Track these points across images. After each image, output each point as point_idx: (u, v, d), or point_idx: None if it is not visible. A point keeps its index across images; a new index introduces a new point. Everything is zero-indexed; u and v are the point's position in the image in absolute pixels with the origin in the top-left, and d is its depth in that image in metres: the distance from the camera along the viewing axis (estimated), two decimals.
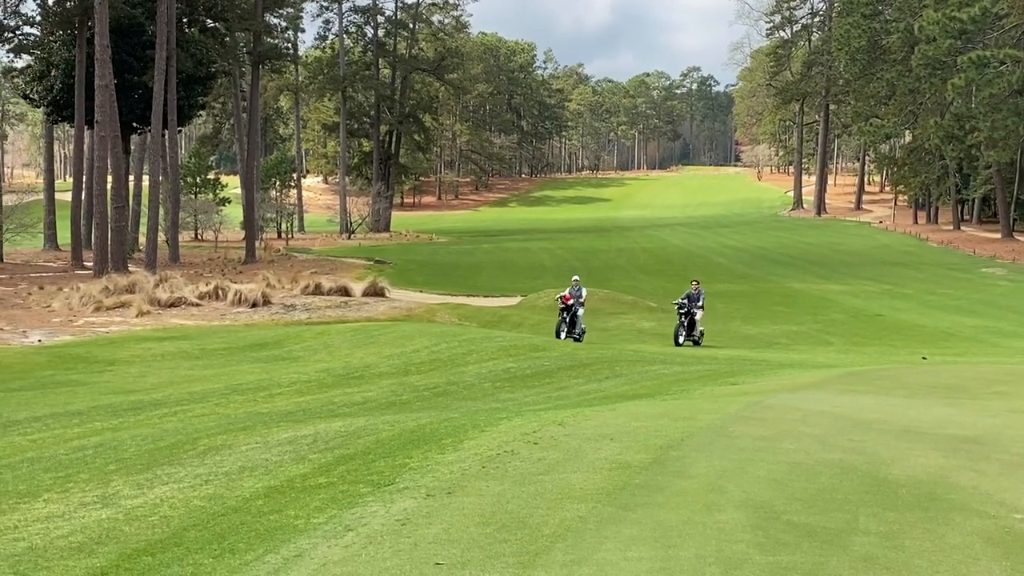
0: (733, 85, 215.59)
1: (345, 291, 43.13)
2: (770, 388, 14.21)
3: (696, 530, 6.25)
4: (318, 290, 43.27)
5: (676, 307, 29.46)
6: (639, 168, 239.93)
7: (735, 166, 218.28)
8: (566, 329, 28.98)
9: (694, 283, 30.09)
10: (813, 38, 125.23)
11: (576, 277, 31.28)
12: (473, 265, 62.66)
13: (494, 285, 51.77)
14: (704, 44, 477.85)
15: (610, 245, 78.71)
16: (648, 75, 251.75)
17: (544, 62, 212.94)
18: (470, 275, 56.64)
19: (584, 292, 29.89)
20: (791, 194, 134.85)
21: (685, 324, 28.80)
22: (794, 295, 46.52)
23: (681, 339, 28.55)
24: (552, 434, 9.32)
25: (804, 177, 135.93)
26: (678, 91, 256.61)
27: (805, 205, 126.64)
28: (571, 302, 29.09)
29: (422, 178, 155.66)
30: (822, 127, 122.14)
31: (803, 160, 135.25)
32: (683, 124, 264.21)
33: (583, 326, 29.64)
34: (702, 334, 29.33)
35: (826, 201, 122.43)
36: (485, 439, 9.34)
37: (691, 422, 9.85)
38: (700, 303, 29.00)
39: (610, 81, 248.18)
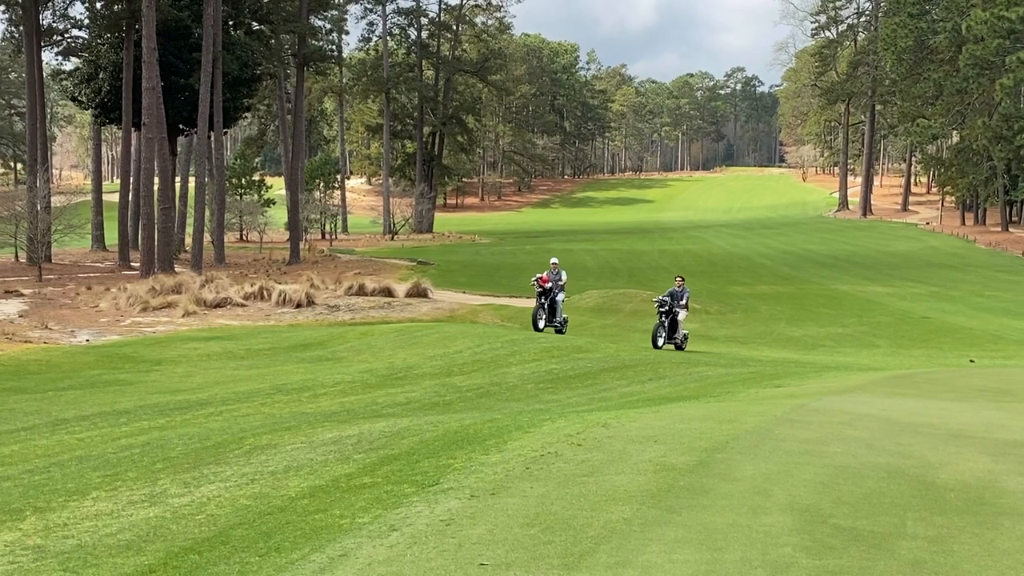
0: (778, 85, 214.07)
1: (388, 292, 43.28)
2: (815, 391, 14.10)
3: (742, 533, 6.22)
4: (361, 291, 43.44)
5: (656, 305, 26.14)
6: (682, 169, 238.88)
7: (779, 167, 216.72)
8: (544, 317, 26.78)
9: (678, 280, 26.68)
10: (859, 38, 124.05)
11: (555, 260, 28.08)
12: (516, 266, 62.64)
13: None
14: (748, 44, 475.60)
15: (653, 247, 78.42)
16: (692, 76, 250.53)
17: (587, 63, 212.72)
18: (513, 276, 56.62)
19: (564, 276, 27.26)
20: (836, 195, 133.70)
21: (665, 324, 25.62)
22: (839, 297, 46.09)
23: (660, 341, 25.36)
24: (596, 436, 9.30)
25: (850, 178, 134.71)
26: (722, 92, 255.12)
27: (851, 206, 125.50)
28: (548, 285, 26.62)
29: (465, 179, 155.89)
30: (868, 127, 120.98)
31: (849, 161, 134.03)
32: (727, 125, 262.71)
33: (564, 315, 27.71)
34: (686, 337, 26.35)
35: (872, 202, 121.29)
36: (529, 440, 9.34)
37: (736, 425, 9.79)
38: (684, 302, 25.84)
39: (653, 82, 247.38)
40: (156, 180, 54.11)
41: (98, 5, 67.23)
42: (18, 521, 7.78)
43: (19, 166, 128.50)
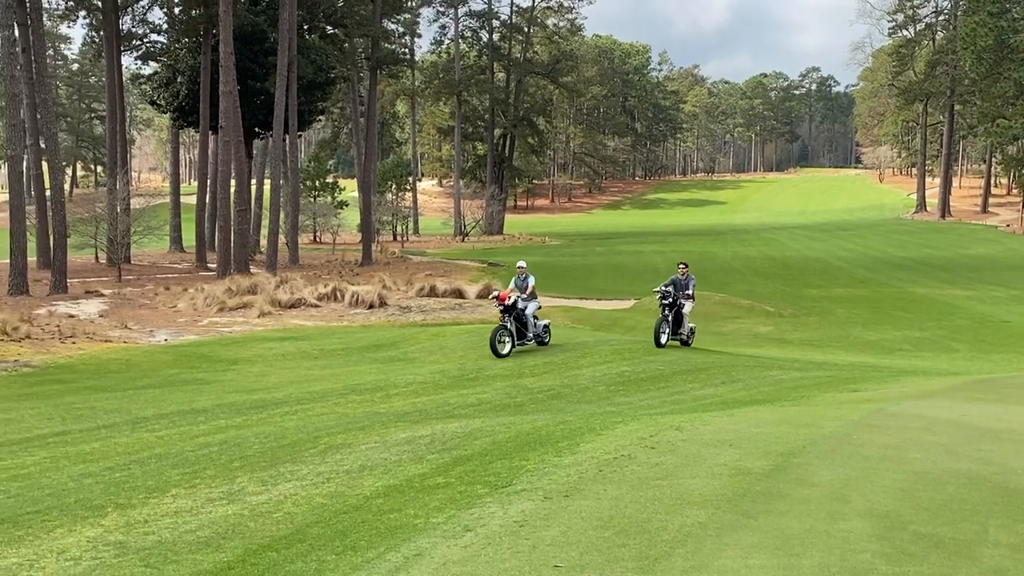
0: (854, 85, 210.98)
1: (459, 293, 43.47)
2: (893, 395, 13.86)
3: (819, 539, 6.13)
4: (433, 292, 43.68)
5: (658, 296, 23.10)
6: (756, 170, 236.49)
7: (855, 168, 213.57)
8: (510, 342, 22.33)
9: (681, 267, 23.63)
10: (938, 37, 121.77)
11: (522, 263, 24.44)
12: (586, 268, 62.51)
13: (607, 288, 51.55)
14: (824, 44, 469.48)
15: (725, 249, 77.74)
16: (766, 76, 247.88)
17: (659, 64, 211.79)
18: (583, 278, 56.51)
19: (532, 281, 23.27)
20: (914, 197, 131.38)
21: (669, 318, 22.89)
22: (917, 300, 45.25)
23: (664, 338, 22.67)
24: (669, 439, 9.25)
25: (928, 179, 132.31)
26: (796, 92, 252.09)
27: (929, 208, 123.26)
28: (512, 299, 22.59)
29: (535, 181, 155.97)
30: (946, 128, 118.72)
31: (927, 162, 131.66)
32: (801, 125, 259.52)
33: (544, 321, 23.96)
34: (692, 332, 23.82)
35: (950, 204, 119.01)
36: (601, 443, 9.31)
37: (813, 429, 9.66)
38: (690, 291, 22.96)
39: (726, 82, 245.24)
40: (232, 182, 54.95)
41: (176, 10, 68.49)
42: (100, 517, 7.94)
43: (99, 169, 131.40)
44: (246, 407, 16.40)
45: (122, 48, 69.15)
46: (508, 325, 22.26)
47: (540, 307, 23.33)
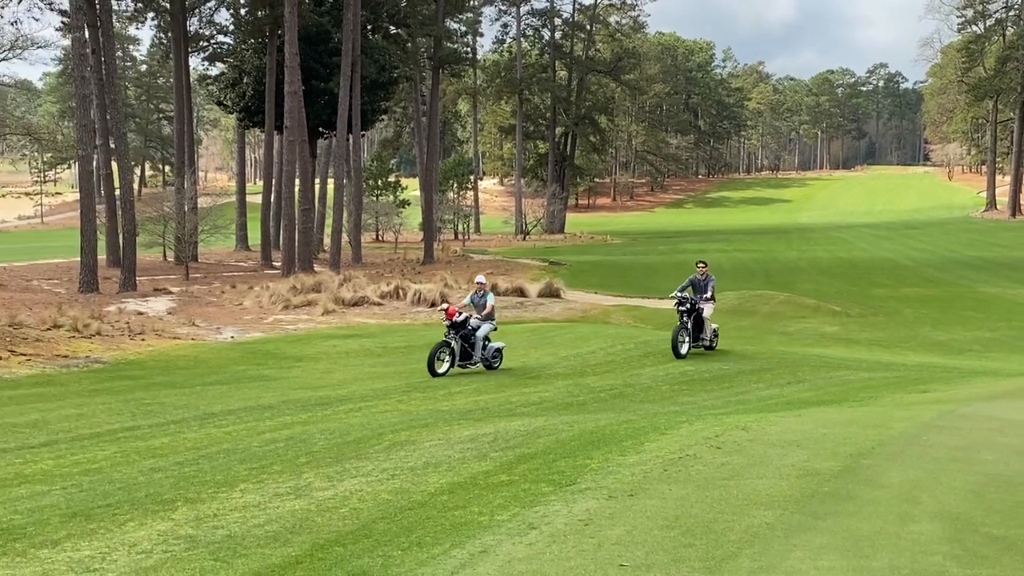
0: (922, 82, 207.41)
1: (521, 292, 43.51)
2: (964, 396, 13.63)
3: (889, 541, 6.05)
4: (494, 291, 43.74)
5: (675, 302, 21.21)
6: (821, 168, 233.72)
7: (924, 166, 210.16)
8: (450, 362, 19.81)
9: (700, 266, 21.64)
10: (1008, 32, 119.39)
11: (480, 278, 21.84)
12: (648, 267, 62.26)
13: (669, 287, 51.13)
14: (891, 40, 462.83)
15: (790, 247, 76.96)
16: (832, 72, 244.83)
17: (723, 60, 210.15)
18: (645, 277, 56.28)
19: (491, 300, 20.77)
20: (984, 195, 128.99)
21: (688, 325, 20.95)
22: (987, 300, 44.43)
23: (684, 347, 20.74)
24: (735, 439, 9.18)
25: (998, 177, 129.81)
26: (863, 88, 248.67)
27: (999, 206, 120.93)
28: (461, 316, 20.01)
29: (597, 179, 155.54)
30: (1017, 125, 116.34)
31: (997, 159, 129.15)
32: (868, 122, 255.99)
33: (493, 345, 20.65)
34: (716, 335, 21.97)
35: (1022, 202, 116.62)
36: (666, 442, 9.27)
37: (882, 430, 9.54)
38: (709, 293, 21.21)
39: (792, 79, 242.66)
40: (297, 182, 55.52)
41: (242, 12, 69.34)
42: (170, 511, 8.07)
43: (167, 168, 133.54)
44: (311, 403, 16.57)
45: (189, 49, 70.15)
46: (452, 343, 19.72)
47: (495, 328, 20.49)
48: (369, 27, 69.78)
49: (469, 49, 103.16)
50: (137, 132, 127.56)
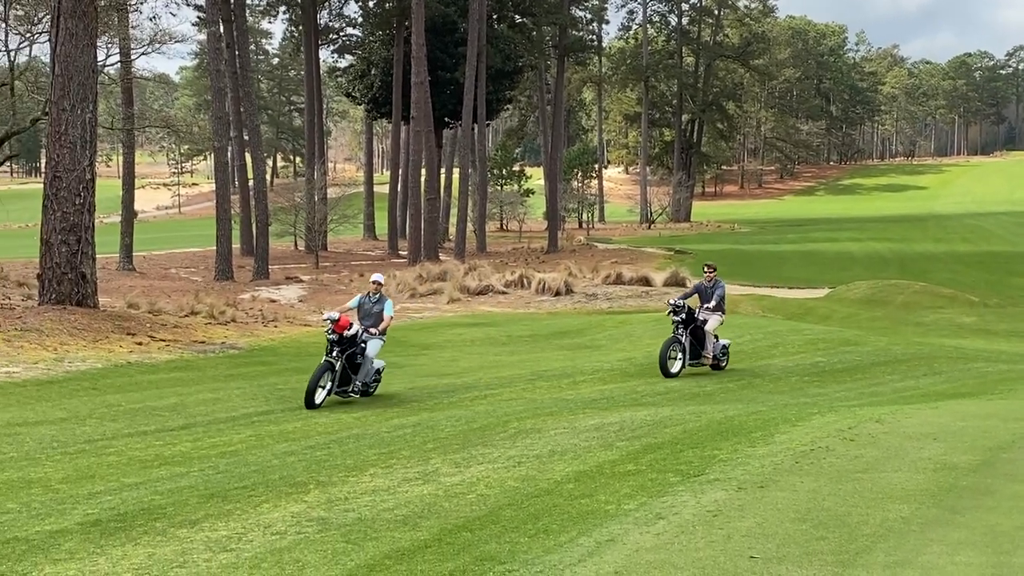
0: None
1: (646, 281, 43.21)
2: None
3: None
4: (619, 280, 43.56)
5: (670, 311, 17.69)
6: (959, 154, 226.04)
7: None
8: (328, 389, 15.08)
9: (708, 271, 18.28)
10: None
11: (377, 276, 16.71)
12: (777, 256, 61.20)
13: (799, 276, 50.37)
14: None
15: (926, 235, 74.73)
16: (970, 55, 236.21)
17: (856, 44, 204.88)
18: (774, 266, 55.35)
19: (389, 307, 16.04)
20: None
21: (683, 340, 17.41)
22: None
23: (675, 366, 17.26)
24: (869, 431, 8.96)
25: None
26: (1003, 72, 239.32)
27: None
28: (351, 331, 15.23)
29: (724, 167, 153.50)
30: None
31: None
32: (1008, 107, 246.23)
33: (378, 363, 15.99)
34: (725, 352, 18.07)
35: None
36: (797, 434, 9.10)
37: (1022, 424, 9.18)
38: (714, 303, 17.69)
39: (928, 62, 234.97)
40: (423, 171, 56.20)
41: (370, 4, 70.44)
42: (303, 494, 8.25)
43: (298, 159, 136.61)
44: (437, 391, 16.75)
45: (319, 42, 71.58)
46: (335, 364, 15.05)
47: (383, 342, 16.05)
48: (494, 17, 70.12)
49: (594, 37, 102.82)
50: (269, 124, 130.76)
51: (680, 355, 17.29)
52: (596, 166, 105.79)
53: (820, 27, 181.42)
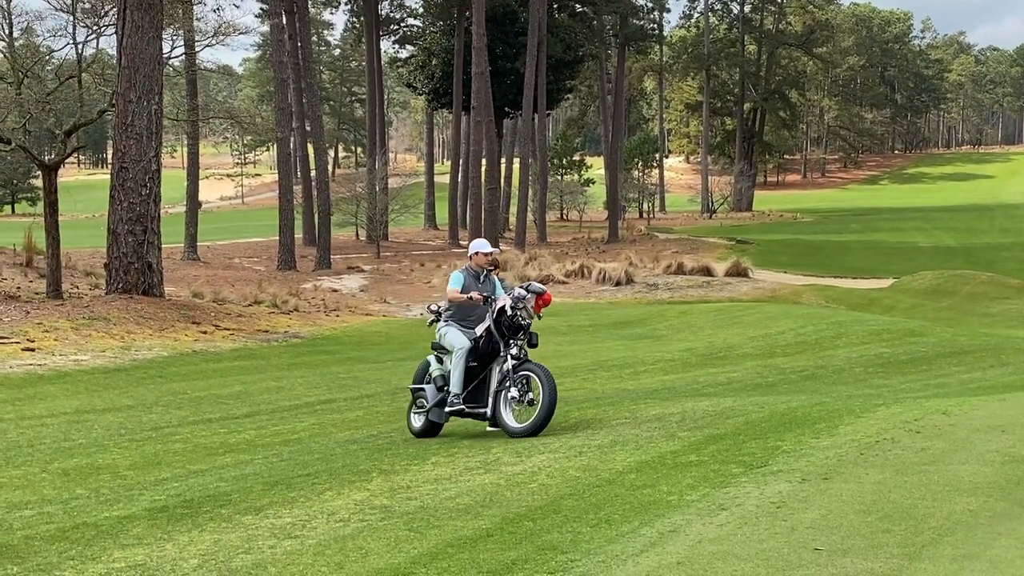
0: None
1: (707, 271, 42.96)
2: None
3: None
4: (680, 270, 43.34)
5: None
6: None
7: None
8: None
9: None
10: None
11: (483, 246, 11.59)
12: (840, 245, 60.49)
13: (863, 266, 49.77)
14: None
15: (993, 226, 73.37)
16: None
17: (921, 31, 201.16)
18: (837, 256, 54.73)
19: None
20: None
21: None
22: None
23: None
24: (936, 423, 8.83)
25: None
26: None
27: None
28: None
29: (786, 156, 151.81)
30: None
31: None
32: None
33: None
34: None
35: None
36: (862, 425, 8.99)
37: None
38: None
39: (995, 49, 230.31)
40: (483, 161, 56.33)
41: None
42: (366, 482, 8.32)
43: (359, 150, 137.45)
44: None
45: (381, 32, 71.93)
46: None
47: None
48: (555, 6, 69.98)
49: (655, 25, 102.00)
50: (331, 115, 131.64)
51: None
52: (657, 155, 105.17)
53: (885, 14, 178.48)
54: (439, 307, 11.00)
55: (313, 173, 53.22)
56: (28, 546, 6.94)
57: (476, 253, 10.96)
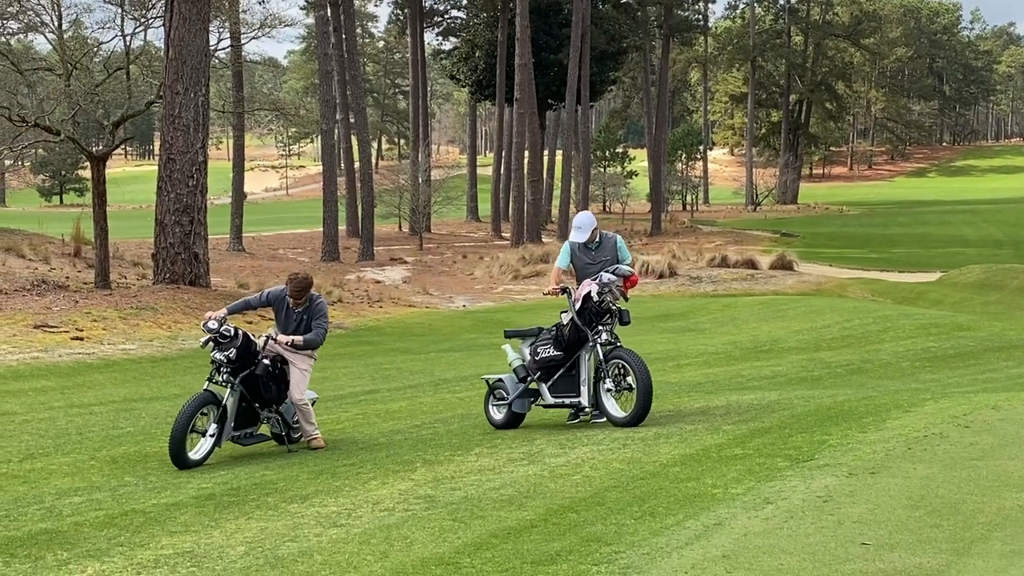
0: None
1: (751, 264, 42.67)
2: None
3: None
4: (724, 263, 43.09)
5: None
6: None
7: None
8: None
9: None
10: None
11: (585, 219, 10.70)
12: (887, 238, 59.90)
13: (910, 260, 49.26)
14: None
15: None
16: None
17: (971, 22, 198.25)
18: (884, 249, 54.23)
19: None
20: None
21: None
22: None
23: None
24: (985, 418, 8.73)
25: None
26: None
27: None
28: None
29: (832, 148, 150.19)
30: None
31: None
32: None
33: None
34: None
35: None
36: (909, 420, 8.91)
37: None
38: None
39: None
40: (526, 153, 56.29)
41: None
42: (410, 472, 8.36)
43: (402, 142, 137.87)
44: None
45: (424, 24, 72.03)
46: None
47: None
48: None
49: (700, 16, 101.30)
50: (375, 107, 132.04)
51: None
52: (701, 148, 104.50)
53: (933, 5, 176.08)
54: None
55: (357, 165, 53.42)
56: (77, 532, 7.04)
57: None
